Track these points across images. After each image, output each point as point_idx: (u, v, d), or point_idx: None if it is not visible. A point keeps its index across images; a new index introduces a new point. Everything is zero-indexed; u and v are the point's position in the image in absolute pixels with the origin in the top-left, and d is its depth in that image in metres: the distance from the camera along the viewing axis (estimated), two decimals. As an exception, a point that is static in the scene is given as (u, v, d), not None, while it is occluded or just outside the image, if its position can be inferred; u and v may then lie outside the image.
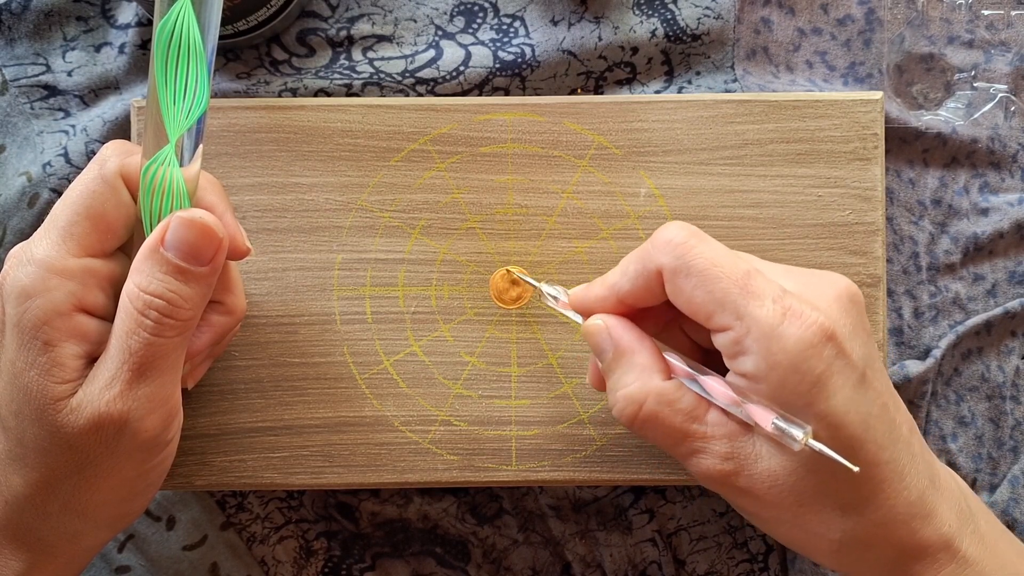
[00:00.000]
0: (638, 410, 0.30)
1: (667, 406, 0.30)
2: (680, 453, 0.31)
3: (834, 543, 0.30)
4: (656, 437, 0.31)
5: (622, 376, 0.31)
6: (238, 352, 0.38)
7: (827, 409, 0.28)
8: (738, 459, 0.29)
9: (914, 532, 0.29)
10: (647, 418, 0.30)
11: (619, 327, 0.32)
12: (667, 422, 0.30)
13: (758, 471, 0.29)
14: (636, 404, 0.30)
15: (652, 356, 0.31)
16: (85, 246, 0.30)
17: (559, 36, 0.41)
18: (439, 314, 0.39)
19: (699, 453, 0.30)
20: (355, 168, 0.39)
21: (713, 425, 0.30)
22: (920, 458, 0.30)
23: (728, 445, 0.29)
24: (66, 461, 0.30)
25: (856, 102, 0.38)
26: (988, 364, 0.43)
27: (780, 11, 0.43)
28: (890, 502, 0.29)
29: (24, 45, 0.42)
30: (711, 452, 0.30)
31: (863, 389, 0.29)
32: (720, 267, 0.29)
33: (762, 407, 0.28)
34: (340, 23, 0.41)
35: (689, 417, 0.30)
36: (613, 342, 0.31)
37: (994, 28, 0.43)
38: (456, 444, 0.38)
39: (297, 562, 0.42)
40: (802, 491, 0.29)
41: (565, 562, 0.42)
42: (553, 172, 0.39)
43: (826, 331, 0.28)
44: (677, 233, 0.30)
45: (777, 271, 0.31)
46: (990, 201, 0.43)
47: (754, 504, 0.30)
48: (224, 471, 0.38)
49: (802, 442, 0.27)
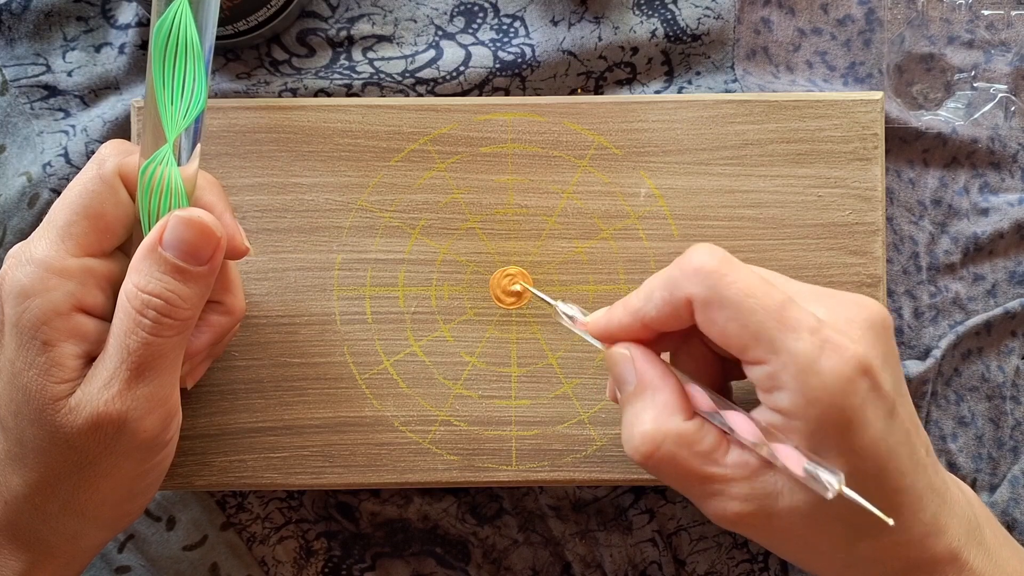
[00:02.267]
0: (655, 451, 0.29)
1: (686, 448, 0.29)
2: (695, 494, 0.29)
3: (845, 561, 0.29)
4: (671, 478, 0.29)
5: (641, 412, 0.29)
6: (238, 352, 0.38)
7: (858, 444, 0.27)
8: (758, 499, 0.28)
9: (925, 550, 0.29)
10: (663, 459, 0.29)
11: (644, 360, 0.30)
12: (684, 465, 0.29)
13: (778, 509, 0.28)
14: (653, 444, 0.29)
15: (674, 394, 0.29)
16: (84, 246, 0.30)
17: (559, 36, 0.41)
18: (439, 314, 0.39)
19: (717, 496, 0.29)
20: (355, 168, 0.39)
21: (733, 466, 0.29)
22: (934, 478, 0.30)
23: (747, 486, 0.28)
24: (65, 461, 0.30)
25: (856, 102, 0.38)
26: (988, 364, 0.43)
27: (780, 11, 0.43)
28: (906, 525, 0.29)
29: (24, 45, 0.42)
30: (729, 494, 0.28)
31: (892, 420, 0.28)
32: (754, 298, 0.27)
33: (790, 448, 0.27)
34: (340, 23, 0.41)
35: (708, 460, 0.29)
36: (637, 375, 0.30)
37: (994, 28, 0.43)
38: (456, 444, 0.38)
39: (297, 562, 0.42)
40: (819, 520, 0.28)
41: (565, 562, 0.42)
42: (553, 172, 0.39)
43: (863, 364, 0.27)
44: (707, 259, 0.28)
45: (806, 294, 0.29)
46: (990, 201, 0.43)
47: (766, 536, 0.29)
48: (224, 471, 0.38)
49: (836, 490, 0.26)
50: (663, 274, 0.29)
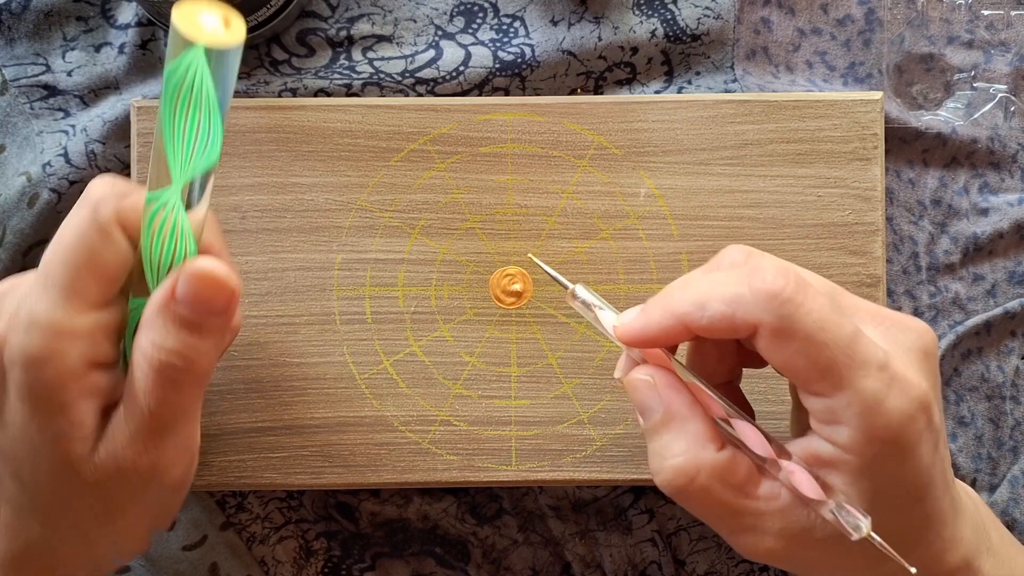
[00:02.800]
0: (688, 484, 0.27)
1: (720, 481, 0.27)
2: (726, 529, 0.28)
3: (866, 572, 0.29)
4: (702, 511, 0.28)
5: (671, 444, 0.28)
6: (238, 352, 0.38)
7: (905, 476, 0.27)
8: (791, 534, 0.27)
9: (944, 564, 0.29)
10: (697, 493, 0.28)
11: (669, 387, 0.29)
12: (719, 499, 0.28)
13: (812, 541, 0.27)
14: (687, 478, 0.27)
15: (705, 423, 0.28)
16: (89, 301, 0.28)
17: (559, 36, 0.41)
18: (439, 314, 0.39)
19: (749, 531, 0.28)
20: (355, 168, 0.39)
21: (766, 500, 0.28)
22: (954, 492, 0.30)
23: (781, 521, 0.27)
24: (90, 511, 0.29)
25: (856, 102, 0.38)
26: (988, 364, 0.43)
27: (780, 11, 0.43)
28: (928, 542, 0.29)
29: (24, 45, 0.42)
30: (763, 529, 0.28)
31: (936, 450, 0.28)
32: (827, 332, 0.26)
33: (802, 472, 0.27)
34: (340, 23, 0.41)
35: (742, 492, 0.28)
36: (663, 404, 0.28)
37: (994, 28, 0.43)
38: (456, 444, 0.38)
39: (297, 562, 0.42)
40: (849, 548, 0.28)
41: (565, 562, 0.42)
42: (553, 172, 0.39)
43: (924, 403, 0.27)
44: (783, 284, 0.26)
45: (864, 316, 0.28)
46: (990, 201, 0.43)
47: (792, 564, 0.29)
48: (224, 471, 0.38)
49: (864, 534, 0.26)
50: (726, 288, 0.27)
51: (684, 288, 0.28)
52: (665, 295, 0.29)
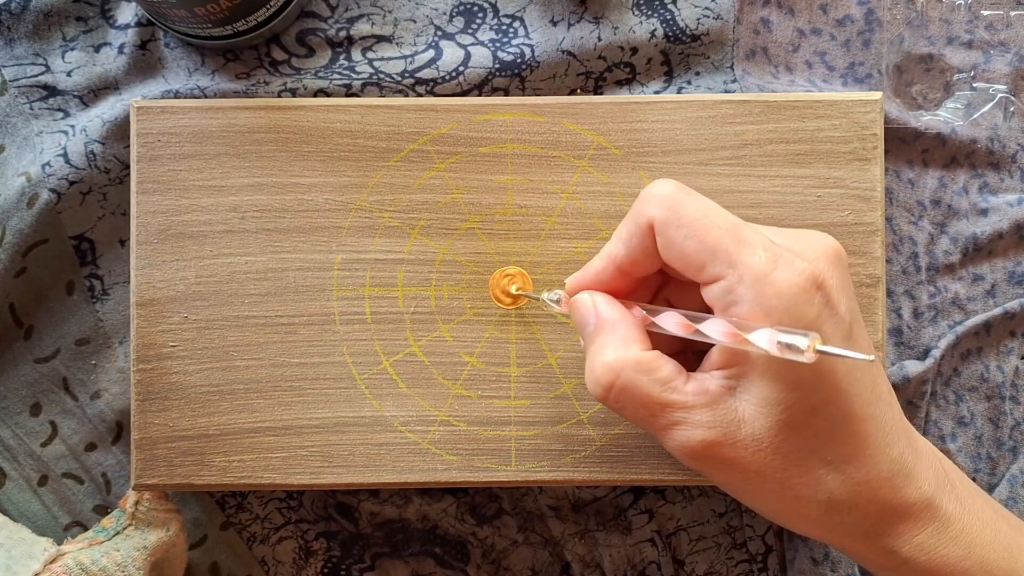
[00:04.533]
0: (615, 379, 0.30)
1: (645, 374, 0.29)
2: (659, 426, 0.30)
3: (821, 505, 0.29)
4: (633, 409, 0.30)
5: (602, 347, 0.30)
6: (237, 352, 0.38)
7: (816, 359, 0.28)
8: (720, 426, 0.29)
9: (896, 490, 0.29)
10: (624, 388, 0.29)
11: (603, 301, 0.32)
12: (644, 391, 0.29)
13: (742, 437, 0.29)
14: (613, 373, 0.30)
15: (633, 328, 0.31)
16: None
17: (558, 36, 0.41)
18: (438, 314, 0.39)
19: (679, 425, 0.29)
20: (355, 168, 0.39)
21: (693, 394, 0.29)
22: (900, 420, 0.30)
23: (709, 413, 0.29)
24: None
25: (855, 102, 0.38)
26: (987, 364, 0.43)
27: (779, 11, 0.43)
28: (874, 459, 0.29)
29: (23, 45, 0.42)
30: (692, 422, 0.29)
31: (850, 342, 0.29)
32: (710, 217, 0.29)
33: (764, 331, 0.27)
34: (339, 23, 0.41)
35: (668, 387, 0.29)
36: (596, 315, 0.31)
37: (993, 28, 0.43)
38: (455, 444, 0.38)
39: (297, 562, 0.42)
40: (787, 452, 0.29)
41: (564, 562, 0.42)
42: (552, 172, 0.39)
43: (816, 279, 0.28)
44: (664, 187, 0.30)
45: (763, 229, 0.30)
46: (989, 201, 0.43)
47: (738, 476, 0.30)
48: (224, 471, 0.38)
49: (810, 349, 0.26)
50: (629, 212, 0.31)
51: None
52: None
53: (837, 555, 0.42)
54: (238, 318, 0.38)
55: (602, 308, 0.31)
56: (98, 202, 0.41)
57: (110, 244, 0.42)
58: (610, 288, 0.32)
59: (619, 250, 0.31)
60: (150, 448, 0.38)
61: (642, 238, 0.30)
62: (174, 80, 0.41)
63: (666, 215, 0.29)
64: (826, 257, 0.29)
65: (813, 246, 0.29)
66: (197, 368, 0.38)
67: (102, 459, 0.42)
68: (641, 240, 0.30)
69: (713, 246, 0.28)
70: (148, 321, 0.38)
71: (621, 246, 0.31)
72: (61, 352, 0.42)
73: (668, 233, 0.29)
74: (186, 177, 0.38)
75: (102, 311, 0.42)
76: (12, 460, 0.42)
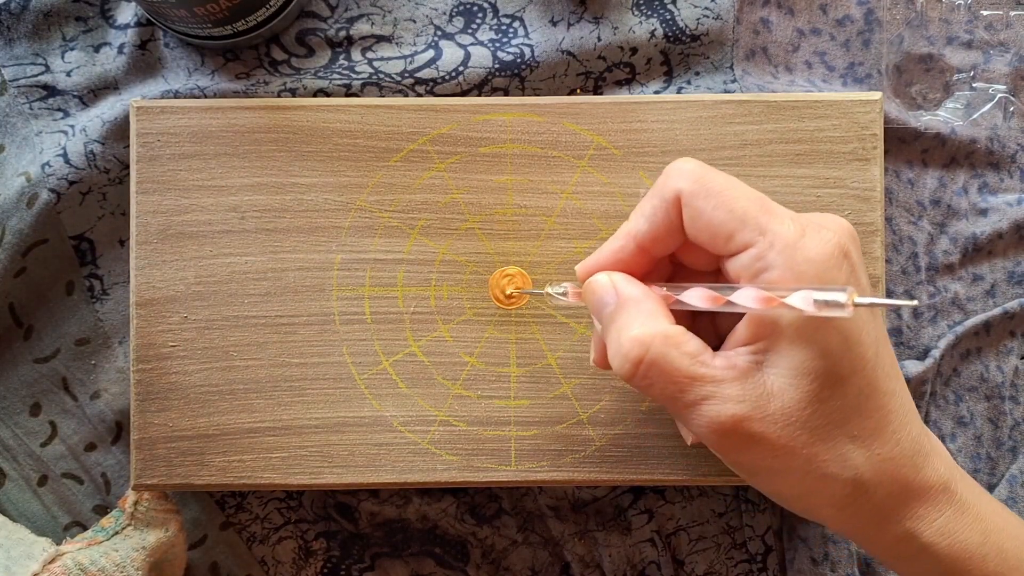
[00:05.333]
0: (644, 353, 0.29)
1: (674, 348, 0.29)
2: (687, 402, 0.29)
3: (847, 484, 0.29)
4: (662, 385, 0.29)
5: (628, 323, 0.30)
6: (237, 352, 0.38)
7: (848, 323, 0.28)
8: (750, 400, 0.28)
9: (917, 469, 0.29)
10: (654, 361, 0.29)
11: (623, 279, 0.31)
12: (675, 364, 0.29)
13: (771, 411, 0.28)
14: (643, 346, 0.29)
15: (657, 304, 0.30)
16: None
17: (558, 36, 0.41)
18: (438, 314, 0.39)
19: (709, 399, 0.29)
20: (354, 168, 0.39)
21: (722, 368, 0.29)
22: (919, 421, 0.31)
23: (739, 387, 0.29)
24: None
25: (855, 102, 0.38)
26: (987, 364, 0.43)
27: (779, 11, 0.43)
28: (896, 436, 0.29)
29: (23, 45, 0.42)
30: (722, 396, 0.29)
31: (872, 315, 0.29)
32: (737, 188, 0.29)
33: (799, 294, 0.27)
34: (339, 23, 0.41)
35: (697, 360, 0.29)
36: (616, 292, 0.31)
37: (993, 28, 0.43)
38: (455, 444, 0.38)
39: (296, 562, 0.42)
40: (816, 426, 0.28)
41: (564, 562, 0.42)
42: (552, 172, 0.39)
43: (842, 247, 0.28)
44: (689, 164, 0.30)
45: None
46: (989, 201, 0.43)
47: (765, 454, 0.29)
48: (223, 471, 0.38)
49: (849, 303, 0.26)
50: (651, 190, 0.31)
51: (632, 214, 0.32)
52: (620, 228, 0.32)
53: (837, 555, 0.42)
54: (238, 318, 0.38)
55: (622, 286, 0.31)
56: (98, 202, 0.41)
57: (110, 244, 0.42)
58: (626, 269, 0.32)
59: (641, 226, 0.31)
60: (150, 448, 0.38)
61: (667, 212, 0.30)
62: (174, 80, 0.41)
63: (694, 187, 0.29)
64: (848, 232, 0.30)
65: (832, 224, 0.30)
66: (197, 368, 0.38)
67: (102, 459, 0.42)
68: (666, 214, 0.30)
69: (742, 215, 0.29)
70: (148, 321, 0.38)
71: (644, 221, 0.31)
72: (61, 352, 0.42)
73: (697, 204, 0.29)
74: (186, 177, 0.38)
75: (102, 311, 0.42)
76: (12, 460, 0.42)
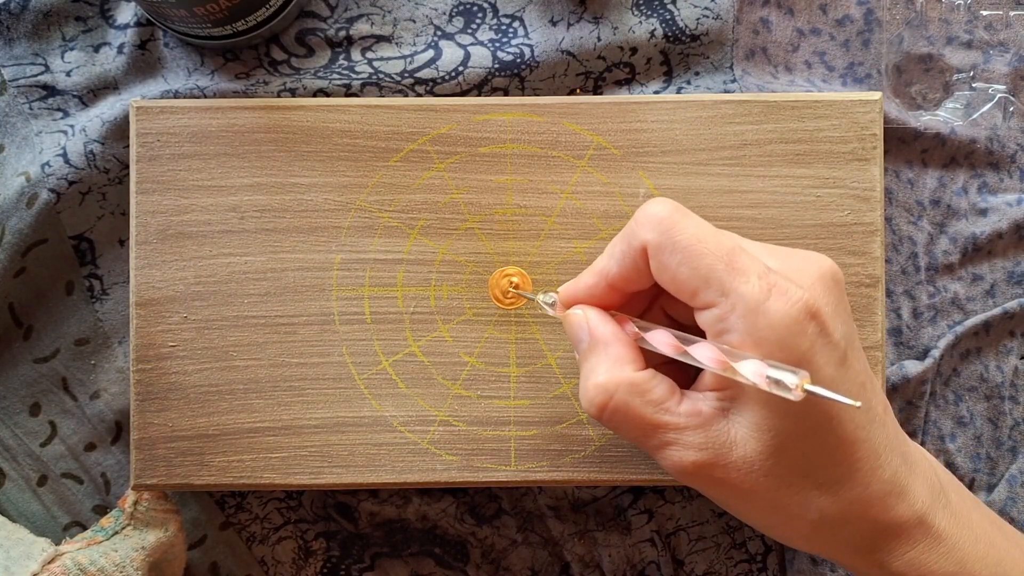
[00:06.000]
0: (608, 400, 0.30)
1: (638, 396, 0.29)
2: (652, 446, 0.30)
3: (811, 523, 0.30)
4: (627, 429, 0.30)
5: (595, 366, 0.30)
6: (236, 352, 0.38)
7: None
8: (712, 448, 0.29)
9: (888, 509, 0.29)
10: (617, 408, 0.30)
11: (597, 318, 0.31)
12: (637, 412, 0.29)
13: (733, 459, 0.29)
14: (607, 394, 0.30)
15: (627, 348, 0.31)
16: None
17: (558, 36, 0.41)
18: (438, 314, 0.39)
19: (671, 445, 0.29)
20: (354, 168, 0.39)
21: (686, 415, 0.29)
22: (893, 438, 0.30)
23: (702, 435, 0.29)
24: None
25: (855, 102, 0.38)
26: (987, 364, 0.43)
27: (779, 11, 0.43)
28: (865, 480, 0.29)
29: (23, 45, 0.42)
30: (684, 443, 0.29)
31: (844, 369, 0.29)
32: (704, 243, 0.29)
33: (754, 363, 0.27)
34: (339, 23, 0.41)
35: (660, 408, 0.29)
36: (590, 333, 0.31)
37: (993, 28, 0.43)
38: (455, 444, 0.38)
39: (296, 562, 0.42)
40: (779, 474, 0.29)
41: (564, 562, 0.42)
42: (552, 172, 0.39)
43: (810, 308, 0.28)
44: (660, 209, 0.30)
45: (760, 249, 0.30)
46: (989, 201, 0.43)
47: (730, 494, 0.30)
48: (223, 471, 0.38)
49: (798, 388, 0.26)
50: (623, 230, 0.31)
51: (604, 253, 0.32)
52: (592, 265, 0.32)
53: (836, 555, 0.42)
54: (237, 318, 0.38)
55: (595, 325, 0.31)
56: (97, 202, 0.41)
57: (109, 244, 0.42)
58: (603, 302, 0.32)
59: (611, 267, 0.31)
60: (149, 448, 0.38)
61: (635, 259, 0.30)
62: (173, 80, 0.41)
63: (660, 239, 0.29)
64: (822, 282, 0.29)
65: (809, 270, 0.29)
66: (196, 368, 0.38)
67: (101, 459, 0.42)
68: (634, 260, 0.30)
69: (706, 274, 0.28)
70: (147, 321, 0.38)
71: (614, 264, 0.31)
72: (60, 352, 0.42)
73: (661, 258, 0.29)
74: (185, 177, 0.38)
75: (101, 311, 0.42)
76: (11, 460, 0.42)
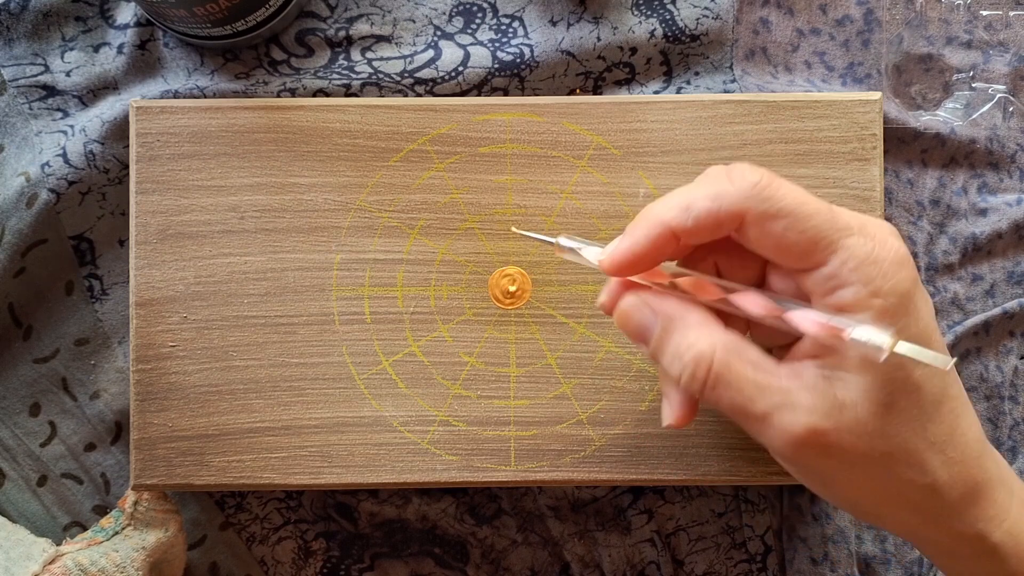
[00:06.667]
0: (709, 366, 0.28)
1: (736, 355, 0.28)
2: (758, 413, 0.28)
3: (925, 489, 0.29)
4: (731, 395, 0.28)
5: (681, 340, 0.28)
6: (236, 352, 0.38)
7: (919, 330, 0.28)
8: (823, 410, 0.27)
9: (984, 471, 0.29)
10: (720, 373, 0.28)
11: (658, 300, 0.29)
12: (740, 372, 0.28)
13: (846, 421, 0.27)
14: (706, 359, 0.28)
15: (705, 312, 0.29)
16: None
17: (558, 36, 0.41)
18: (438, 314, 0.39)
19: (781, 409, 0.27)
20: (354, 168, 0.39)
21: (789, 377, 0.28)
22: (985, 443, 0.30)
23: (809, 395, 0.27)
24: None
25: (854, 102, 0.38)
26: (987, 364, 0.43)
27: (779, 11, 0.43)
28: (965, 438, 0.29)
29: (23, 45, 0.42)
30: (794, 405, 0.27)
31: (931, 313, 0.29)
32: (808, 204, 0.28)
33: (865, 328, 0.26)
34: (339, 23, 0.41)
35: (762, 368, 0.28)
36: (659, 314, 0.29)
37: (992, 29, 0.43)
38: (455, 444, 0.38)
39: (296, 562, 0.42)
40: (892, 435, 0.28)
41: (564, 562, 0.42)
42: (552, 172, 0.39)
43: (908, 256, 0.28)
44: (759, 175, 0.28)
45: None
46: (988, 201, 0.43)
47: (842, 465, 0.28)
48: (223, 471, 0.38)
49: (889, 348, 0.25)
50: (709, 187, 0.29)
51: (667, 199, 0.29)
52: (647, 210, 0.30)
53: (837, 555, 0.42)
54: (237, 318, 0.38)
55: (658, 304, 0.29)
56: (97, 202, 0.41)
57: (109, 244, 0.42)
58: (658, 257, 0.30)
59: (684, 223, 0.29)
60: (149, 448, 0.38)
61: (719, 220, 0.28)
62: (173, 80, 0.41)
63: (764, 207, 0.28)
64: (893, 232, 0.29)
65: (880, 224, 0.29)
66: (196, 368, 0.38)
67: (101, 459, 0.42)
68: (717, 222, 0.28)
69: (814, 236, 0.27)
70: (147, 321, 0.38)
71: (690, 221, 0.28)
72: (60, 352, 0.42)
73: (765, 226, 0.28)
74: (185, 177, 0.38)
75: (101, 311, 0.42)
76: (11, 460, 0.42)
